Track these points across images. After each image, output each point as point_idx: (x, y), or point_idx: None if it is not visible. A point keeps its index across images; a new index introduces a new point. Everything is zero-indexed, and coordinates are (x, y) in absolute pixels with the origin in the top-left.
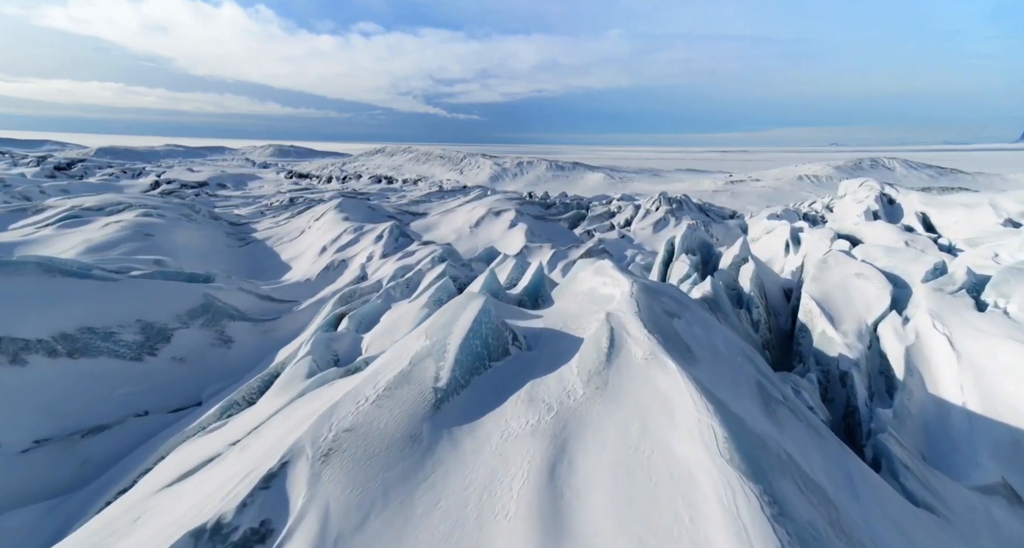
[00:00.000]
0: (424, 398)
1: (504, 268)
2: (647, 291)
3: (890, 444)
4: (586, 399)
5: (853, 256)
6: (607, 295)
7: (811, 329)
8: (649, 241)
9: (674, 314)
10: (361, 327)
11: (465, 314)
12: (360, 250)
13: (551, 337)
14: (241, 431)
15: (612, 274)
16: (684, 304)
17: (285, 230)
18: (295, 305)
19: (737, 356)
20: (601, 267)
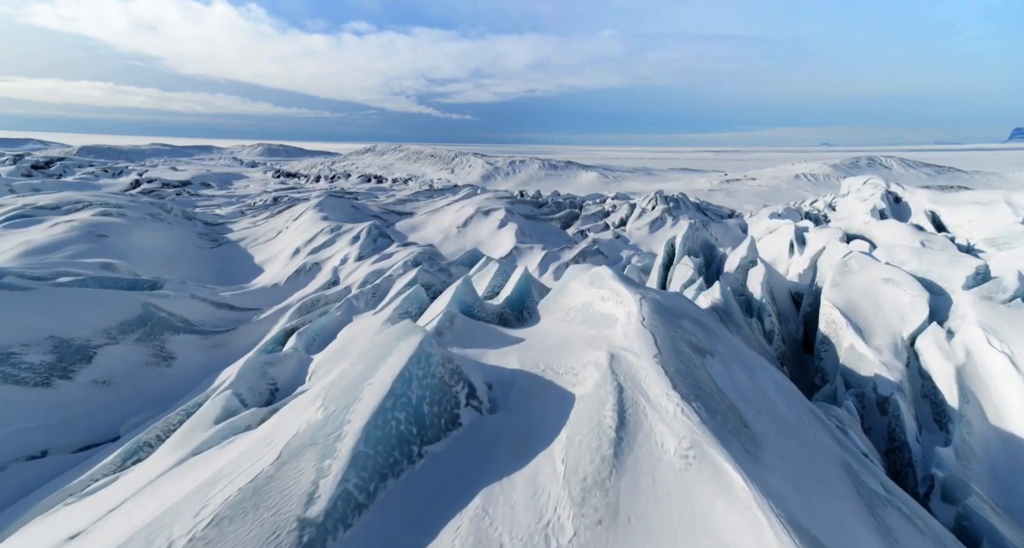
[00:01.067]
0: (277, 544)
1: (485, 274)
2: (662, 313)
3: (986, 514)
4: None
5: (875, 258)
6: (607, 315)
7: (835, 343)
8: (645, 241)
9: (704, 350)
10: (313, 346)
11: (388, 363)
12: (335, 252)
13: (528, 387)
14: (113, 502)
15: (612, 286)
16: (711, 330)
17: (262, 230)
18: (256, 314)
19: (804, 415)
20: (598, 276)
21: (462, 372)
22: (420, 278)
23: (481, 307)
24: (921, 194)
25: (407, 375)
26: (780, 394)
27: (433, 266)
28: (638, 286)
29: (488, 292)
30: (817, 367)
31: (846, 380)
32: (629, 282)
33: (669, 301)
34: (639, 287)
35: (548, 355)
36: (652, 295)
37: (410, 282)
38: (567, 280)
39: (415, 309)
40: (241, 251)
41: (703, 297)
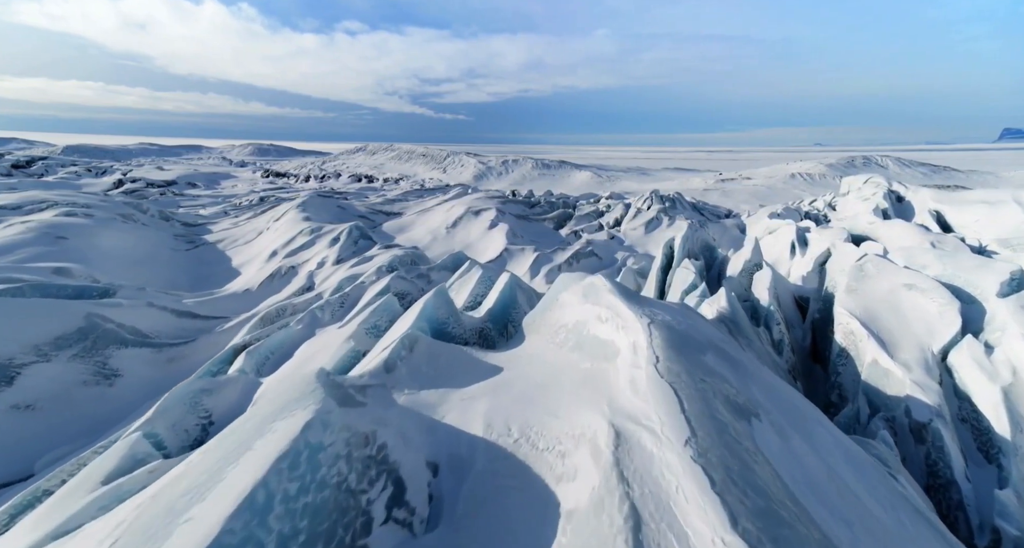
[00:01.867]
0: None
1: (467, 281)
2: (680, 346)
3: None
4: None
5: (892, 262)
6: (606, 342)
7: (855, 356)
8: (641, 242)
9: (747, 409)
10: (266, 366)
11: (239, 471)
12: (312, 255)
13: (491, 476)
14: None
15: (611, 303)
16: (740, 365)
17: (242, 231)
18: (222, 323)
19: (895, 507)
20: (593, 289)
21: (388, 459)
22: (394, 286)
23: (457, 322)
24: (924, 193)
25: (267, 493)
26: (852, 466)
27: (411, 272)
28: (641, 302)
29: (470, 302)
30: (834, 382)
31: (869, 399)
32: (630, 296)
33: (682, 323)
34: (643, 303)
35: (528, 408)
36: (661, 315)
37: (382, 291)
38: (557, 291)
39: (385, 322)
40: (218, 253)
41: (707, 305)
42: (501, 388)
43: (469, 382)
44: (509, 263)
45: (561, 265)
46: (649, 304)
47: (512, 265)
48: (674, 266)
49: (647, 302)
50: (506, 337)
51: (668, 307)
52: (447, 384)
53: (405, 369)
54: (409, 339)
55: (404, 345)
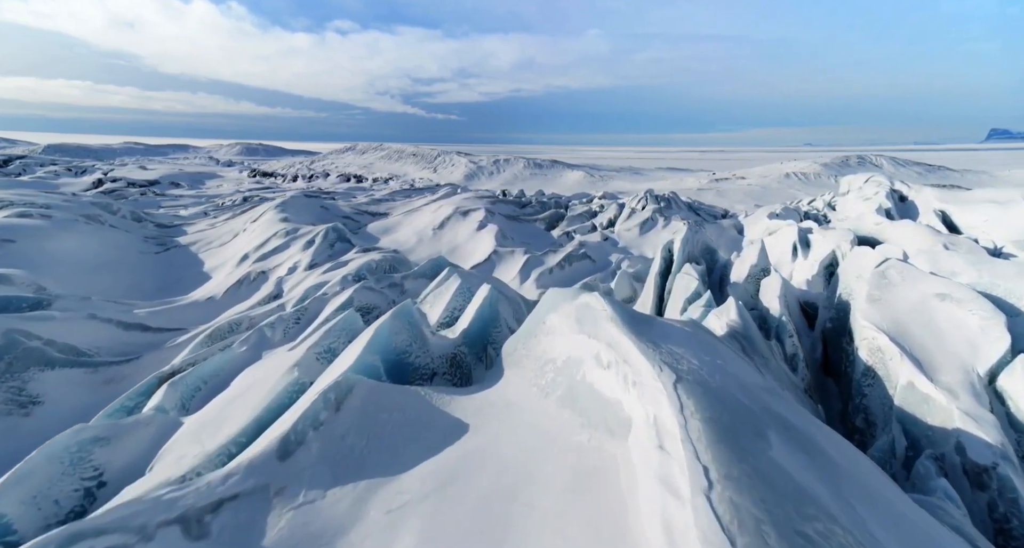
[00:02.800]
0: None
1: (443, 293)
2: (736, 437)
3: None
4: None
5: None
6: (609, 401)
7: (884, 377)
8: (636, 244)
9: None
10: (195, 399)
11: None
12: (285, 259)
13: None
14: None
15: (614, 338)
16: (831, 462)
17: (218, 233)
18: (176, 335)
19: None
20: (589, 313)
21: None
22: (358, 299)
23: (422, 349)
24: (928, 192)
25: None
26: None
27: (382, 281)
28: (652, 334)
29: (446, 317)
30: (859, 405)
31: (906, 429)
32: (636, 326)
33: (715, 372)
34: (655, 337)
35: (496, 527)
36: (686, 361)
37: (343, 305)
38: (544, 311)
39: (342, 344)
40: (191, 256)
41: (714, 317)
42: (452, 489)
43: (412, 462)
44: (498, 266)
45: (553, 268)
46: (662, 335)
47: (501, 268)
48: (674, 271)
49: (659, 332)
50: (485, 363)
51: (682, 334)
52: (377, 470)
53: (315, 449)
54: (338, 390)
55: (326, 403)
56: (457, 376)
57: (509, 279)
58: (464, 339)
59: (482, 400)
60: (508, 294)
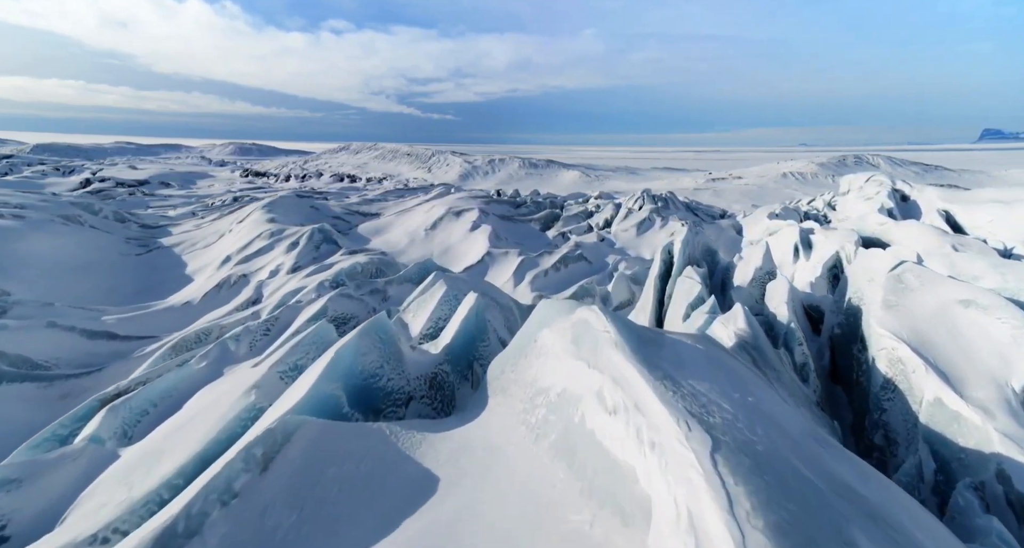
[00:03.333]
0: None
1: (427, 301)
2: (793, 533)
3: None
4: None
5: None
6: (616, 464)
7: (907, 391)
8: (633, 245)
9: None
10: (140, 425)
11: None
12: (268, 262)
13: None
14: None
15: (621, 372)
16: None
17: (203, 234)
18: (146, 344)
19: None
20: (588, 333)
21: None
22: (334, 308)
23: (396, 370)
24: (931, 192)
25: None
26: None
27: (363, 287)
28: (668, 367)
29: (430, 327)
30: (877, 421)
31: (934, 449)
32: (647, 354)
33: (759, 428)
34: (671, 371)
35: None
36: (716, 407)
37: (315, 316)
38: (535, 327)
39: (311, 359)
40: (174, 258)
41: (719, 324)
42: None
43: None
44: (491, 268)
45: (548, 270)
46: (677, 363)
47: (494, 270)
48: (674, 274)
49: (672, 356)
50: (471, 381)
51: (699, 359)
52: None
53: (216, 540)
54: (269, 443)
55: (248, 463)
56: (438, 399)
57: (503, 281)
58: (447, 356)
59: (460, 441)
60: (500, 300)
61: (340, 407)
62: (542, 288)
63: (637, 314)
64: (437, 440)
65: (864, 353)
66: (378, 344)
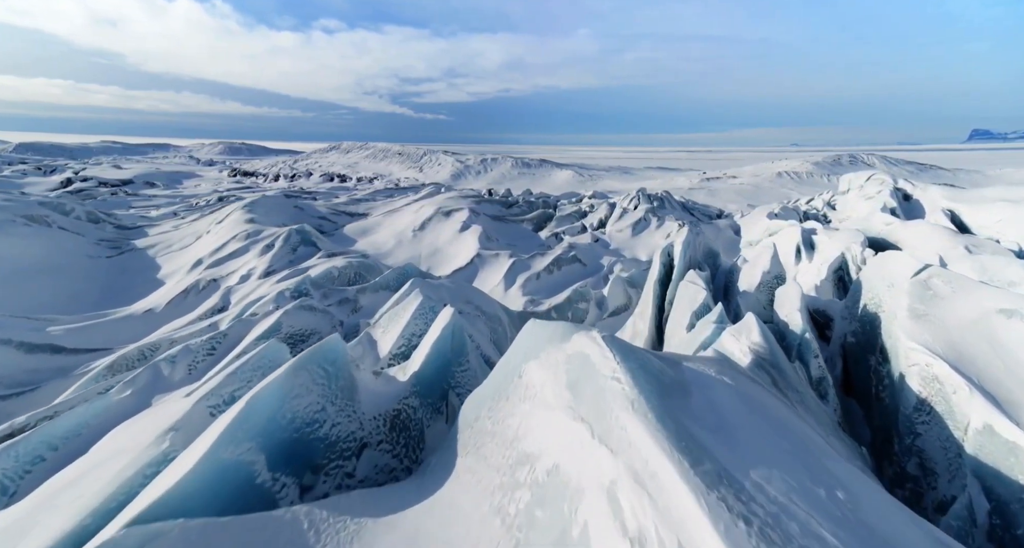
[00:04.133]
0: None
1: (400, 313)
2: None
3: None
4: None
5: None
6: None
7: (947, 414)
8: (628, 245)
9: None
10: (32, 476)
11: None
12: (240, 265)
13: None
14: None
15: (653, 467)
16: None
17: (180, 235)
18: (96, 358)
19: None
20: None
21: None
22: (291, 323)
23: (344, 410)
24: (934, 191)
25: None
26: None
27: (331, 297)
28: (716, 448)
29: (402, 345)
30: (909, 446)
31: (986, 486)
32: (674, 412)
33: None
34: (724, 458)
35: None
36: (784, 519)
37: (265, 333)
38: (520, 356)
39: (253, 384)
40: (147, 261)
41: (731, 338)
42: None
43: None
44: (481, 270)
45: (540, 273)
46: (729, 440)
47: (484, 273)
48: (675, 278)
49: (715, 422)
50: (446, 414)
51: (735, 402)
52: None
53: None
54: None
55: None
56: (401, 444)
57: (493, 285)
58: (415, 386)
59: (408, 537)
60: (486, 309)
61: (253, 476)
62: (534, 292)
63: (636, 321)
64: (378, 532)
65: (885, 366)
66: (321, 380)
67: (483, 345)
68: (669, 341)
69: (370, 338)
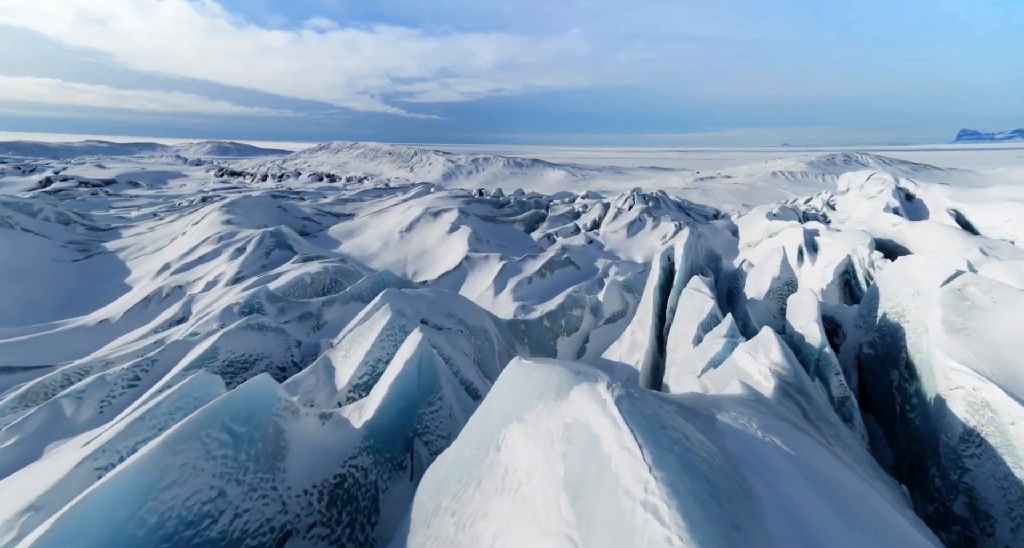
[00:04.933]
0: None
1: (365, 334)
2: None
3: None
4: None
5: None
6: None
7: (1003, 448)
8: (623, 247)
9: None
10: None
11: None
12: (208, 271)
13: None
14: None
15: None
16: None
17: (154, 237)
18: (29, 378)
19: None
20: (606, 484)
21: None
22: (231, 348)
23: (259, 488)
24: (938, 190)
25: None
26: None
27: (289, 311)
28: None
29: (364, 374)
30: (955, 483)
31: None
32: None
33: None
34: None
35: None
36: None
37: (198, 361)
38: (498, 418)
39: (164, 426)
40: (117, 264)
41: (745, 355)
42: None
43: None
44: (470, 274)
45: (532, 277)
46: None
47: (473, 277)
48: (676, 284)
49: None
50: (409, 472)
51: (809, 519)
52: None
53: None
54: None
55: None
56: (344, 522)
57: (482, 290)
58: (368, 439)
59: None
60: (470, 322)
61: None
62: (526, 297)
63: (634, 330)
64: None
65: (913, 384)
66: (222, 449)
67: (464, 369)
68: (672, 355)
69: (328, 364)
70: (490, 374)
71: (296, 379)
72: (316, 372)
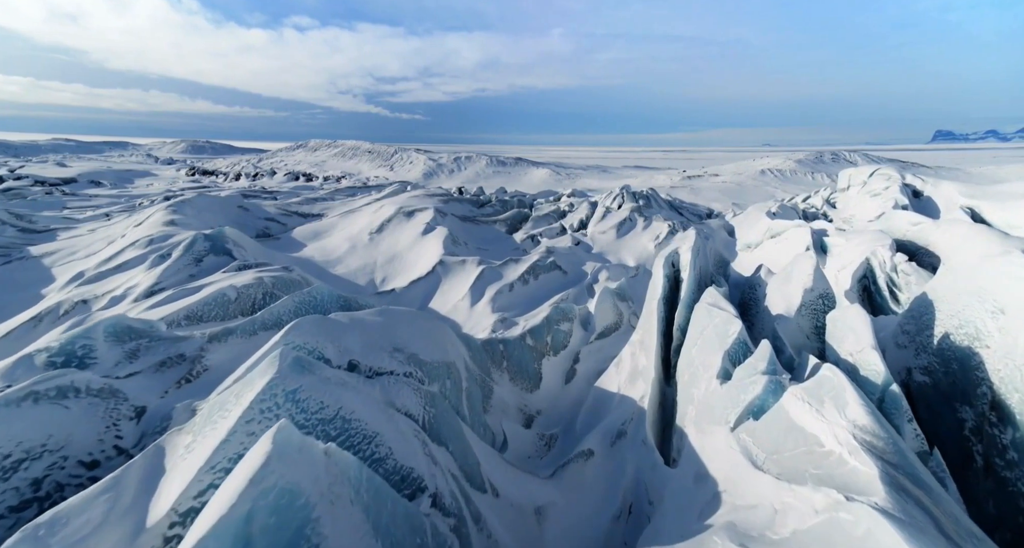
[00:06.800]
0: None
1: (242, 391)
2: None
3: None
4: None
5: None
6: None
7: None
8: (612, 249)
9: None
10: None
11: None
12: (123, 282)
13: None
14: None
15: None
16: None
17: (89, 241)
18: None
19: None
20: None
21: None
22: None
23: None
24: (948, 187)
25: None
26: None
27: (144, 357)
28: None
29: (198, 492)
30: None
31: None
32: None
33: None
34: None
35: None
36: None
37: None
38: None
39: None
40: (40, 272)
41: (803, 405)
42: None
43: None
44: (444, 280)
45: (514, 284)
46: None
47: (448, 283)
48: (684, 297)
49: None
50: None
51: None
52: None
53: None
54: None
55: None
56: None
57: (457, 299)
58: None
59: None
60: (427, 356)
61: None
62: (506, 307)
63: (635, 353)
64: None
65: (1007, 431)
66: None
67: (399, 449)
68: (687, 389)
69: (155, 464)
70: (449, 423)
71: (67, 508)
72: (119, 487)
